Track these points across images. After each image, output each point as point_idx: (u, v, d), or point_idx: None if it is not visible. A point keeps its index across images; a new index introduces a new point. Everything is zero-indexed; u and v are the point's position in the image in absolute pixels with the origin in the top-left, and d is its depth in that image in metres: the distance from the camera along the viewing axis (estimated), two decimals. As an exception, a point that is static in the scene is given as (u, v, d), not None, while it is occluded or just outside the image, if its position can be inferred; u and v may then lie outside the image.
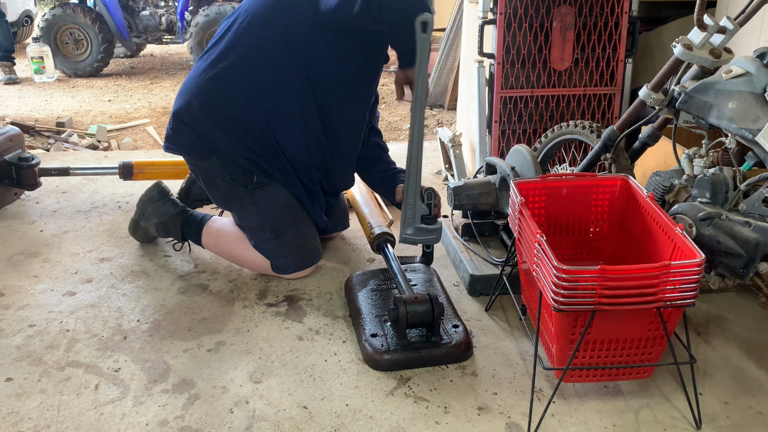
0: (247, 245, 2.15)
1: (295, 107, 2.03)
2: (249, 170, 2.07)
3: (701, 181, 1.76)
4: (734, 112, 1.65)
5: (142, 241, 2.43)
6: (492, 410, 1.57)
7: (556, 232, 1.90)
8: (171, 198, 2.35)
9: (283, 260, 2.12)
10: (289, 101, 2.02)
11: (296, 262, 2.14)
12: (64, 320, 1.93)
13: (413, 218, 2.00)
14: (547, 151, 2.41)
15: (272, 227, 2.10)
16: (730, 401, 1.61)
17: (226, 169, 2.07)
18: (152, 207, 2.33)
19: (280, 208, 2.11)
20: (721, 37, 1.77)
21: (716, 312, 2.01)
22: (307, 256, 2.16)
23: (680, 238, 1.52)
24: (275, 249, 2.11)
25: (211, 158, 2.07)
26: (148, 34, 6.88)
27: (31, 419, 1.53)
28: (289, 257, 2.12)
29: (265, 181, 2.09)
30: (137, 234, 2.40)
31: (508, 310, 2.00)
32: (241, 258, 2.21)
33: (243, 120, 2.02)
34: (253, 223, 2.12)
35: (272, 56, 2.00)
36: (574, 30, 2.63)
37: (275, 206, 2.10)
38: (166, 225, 2.31)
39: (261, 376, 1.69)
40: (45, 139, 4.31)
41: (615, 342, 1.50)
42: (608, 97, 2.76)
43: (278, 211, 2.11)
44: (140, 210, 2.35)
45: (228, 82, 2.01)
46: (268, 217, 2.09)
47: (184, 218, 2.29)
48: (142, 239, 2.42)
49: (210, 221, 2.26)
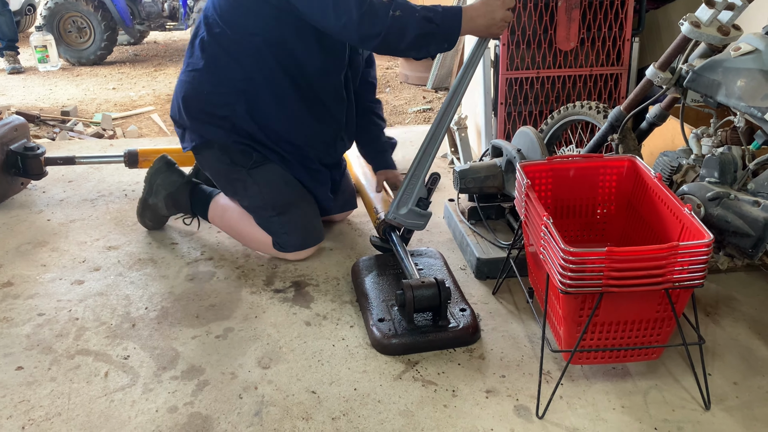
0: (251, 222, 2.18)
1: (272, 95, 2.09)
2: (247, 152, 2.14)
3: (709, 161, 1.74)
4: (743, 90, 1.63)
5: (151, 226, 2.43)
6: (500, 393, 1.57)
7: (563, 214, 1.89)
8: (178, 169, 2.40)
9: (285, 237, 2.14)
10: (265, 90, 2.08)
11: (298, 240, 2.16)
12: (72, 309, 1.94)
13: (409, 199, 2.01)
14: (554, 133, 2.39)
15: (274, 205, 2.13)
16: (739, 381, 1.61)
17: (226, 154, 2.15)
18: (161, 178, 2.36)
19: (281, 186, 2.15)
20: (729, 14, 1.74)
21: (725, 292, 2.00)
22: (309, 235, 2.18)
23: (688, 218, 1.50)
24: (278, 227, 2.14)
25: (211, 148, 2.16)
26: (151, 21, 6.85)
27: (42, 407, 1.54)
28: (291, 235, 2.14)
29: (264, 160, 2.15)
30: (145, 216, 2.40)
31: (516, 293, 2.00)
32: (244, 234, 2.24)
33: (228, 115, 2.11)
34: (257, 203, 2.15)
35: (239, 52, 2.05)
36: (580, 9, 2.60)
37: (276, 184, 2.15)
38: (174, 197, 2.34)
39: (269, 361, 1.70)
40: (50, 129, 4.31)
41: (623, 324, 1.50)
42: (615, 77, 2.73)
43: (279, 189, 2.15)
44: (148, 185, 2.38)
45: (205, 84, 2.11)
46: (270, 195, 2.14)
47: (192, 188, 2.35)
48: (150, 222, 2.42)
49: (218, 195, 2.31)
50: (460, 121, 2.86)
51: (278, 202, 2.14)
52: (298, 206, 2.17)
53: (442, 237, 2.37)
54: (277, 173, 2.16)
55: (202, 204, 2.32)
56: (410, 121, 4.24)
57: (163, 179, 2.35)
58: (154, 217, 2.41)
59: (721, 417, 1.49)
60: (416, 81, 5.19)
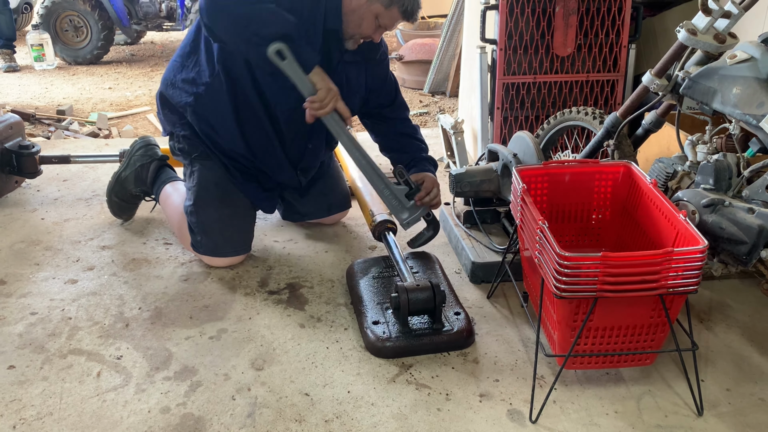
0: (183, 216, 2.19)
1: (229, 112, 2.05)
2: (195, 143, 2.14)
3: (704, 168, 1.74)
4: (738, 97, 1.63)
5: (116, 205, 2.45)
6: (494, 397, 1.57)
7: (559, 219, 1.90)
8: (157, 148, 2.47)
9: (195, 237, 2.14)
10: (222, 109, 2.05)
11: (208, 245, 2.13)
12: (65, 308, 1.93)
13: (399, 204, 2.05)
14: (550, 138, 2.40)
15: (196, 201, 2.13)
16: (732, 388, 1.61)
17: (178, 141, 2.17)
18: (140, 153, 2.42)
19: (210, 185, 2.13)
20: (725, 22, 1.75)
21: (719, 299, 2.00)
22: (224, 244, 2.14)
23: (683, 224, 1.51)
24: (192, 223, 2.14)
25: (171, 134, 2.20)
26: (148, 21, 6.84)
27: (33, 406, 1.53)
28: (202, 237, 2.13)
29: (207, 155, 2.13)
30: (113, 192, 2.42)
31: (510, 297, 2.00)
32: (174, 225, 2.27)
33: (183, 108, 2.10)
34: (187, 194, 2.17)
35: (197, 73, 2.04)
36: (577, 15, 2.61)
37: (206, 182, 2.14)
38: (143, 169, 2.39)
39: (263, 363, 1.69)
40: (45, 127, 4.30)
41: (617, 329, 1.50)
42: (611, 83, 2.74)
43: (206, 187, 2.13)
44: (127, 159, 2.44)
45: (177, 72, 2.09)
46: (195, 190, 2.14)
47: (159, 167, 2.40)
48: (116, 199, 2.43)
49: (175, 182, 2.36)
50: (457, 125, 2.87)
51: (200, 198, 2.12)
52: (217, 210, 2.11)
53: (437, 240, 2.37)
54: (213, 171, 2.12)
55: (159, 185, 2.37)
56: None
57: (141, 154, 2.42)
58: (120, 194, 2.42)
59: (713, 423, 1.50)
60: (413, 85, 5.20)
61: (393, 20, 1.97)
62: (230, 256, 2.15)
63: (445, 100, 4.85)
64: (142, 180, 2.40)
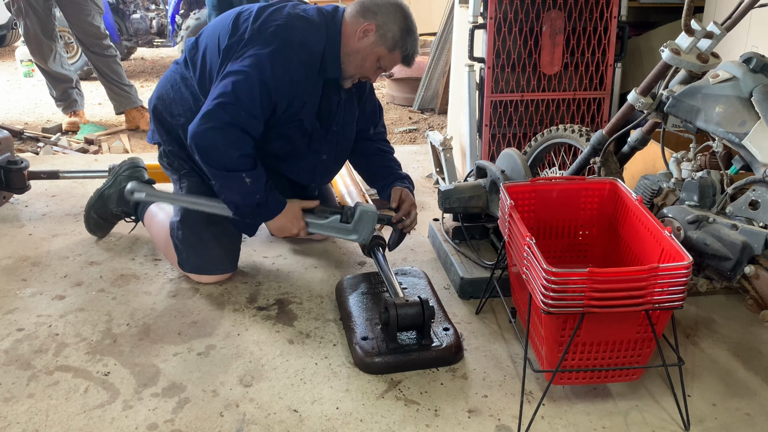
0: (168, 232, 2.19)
1: None
2: (183, 160, 2.15)
3: (689, 185, 1.77)
4: (721, 116, 1.66)
5: (93, 222, 2.44)
6: (482, 413, 1.58)
7: (546, 235, 1.91)
8: (144, 169, 2.47)
9: (182, 255, 2.14)
10: None
11: (194, 262, 2.14)
12: (53, 324, 1.92)
13: (343, 230, 2.09)
14: (537, 155, 2.42)
15: (183, 218, 2.13)
16: (718, 403, 1.63)
17: (166, 156, 2.19)
18: (127, 172, 2.42)
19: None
20: (708, 42, 1.79)
21: (704, 314, 2.02)
22: (209, 262, 2.14)
23: (668, 241, 1.53)
24: (177, 240, 2.14)
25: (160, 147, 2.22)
26: (139, 37, 6.85)
27: (19, 424, 1.52)
28: (188, 254, 2.13)
29: (195, 172, 2.14)
30: (93, 208, 2.42)
31: (498, 312, 2.01)
32: (161, 244, 2.26)
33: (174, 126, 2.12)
34: (174, 209, 2.18)
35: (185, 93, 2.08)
36: (564, 34, 2.65)
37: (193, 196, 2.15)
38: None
39: (251, 379, 1.69)
40: (34, 143, 4.28)
41: (604, 344, 1.51)
42: (597, 102, 2.78)
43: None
44: (113, 177, 2.43)
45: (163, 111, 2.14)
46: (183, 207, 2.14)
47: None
48: (95, 215, 2.43)
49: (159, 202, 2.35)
50: (446, 142, 2.89)
51: (187, 216, 2.12)
52: (204, 227, 2.12)
53: (426, 256, 2.38)
54: (201, 188, 2.13)
55: (143, 206, 2.37)
56: (396, 141, 4.27)
57: (128, 175, 2.41)
58: (101, 211, 2.42)
59: (700, 438, 1.51)
60: (403, 102, 5.23)
61: (393, 63, 2.03)
62: (217, 274, 2.16)
63: (434, 116, 4.88)
64: (126, 200, 2.37)
